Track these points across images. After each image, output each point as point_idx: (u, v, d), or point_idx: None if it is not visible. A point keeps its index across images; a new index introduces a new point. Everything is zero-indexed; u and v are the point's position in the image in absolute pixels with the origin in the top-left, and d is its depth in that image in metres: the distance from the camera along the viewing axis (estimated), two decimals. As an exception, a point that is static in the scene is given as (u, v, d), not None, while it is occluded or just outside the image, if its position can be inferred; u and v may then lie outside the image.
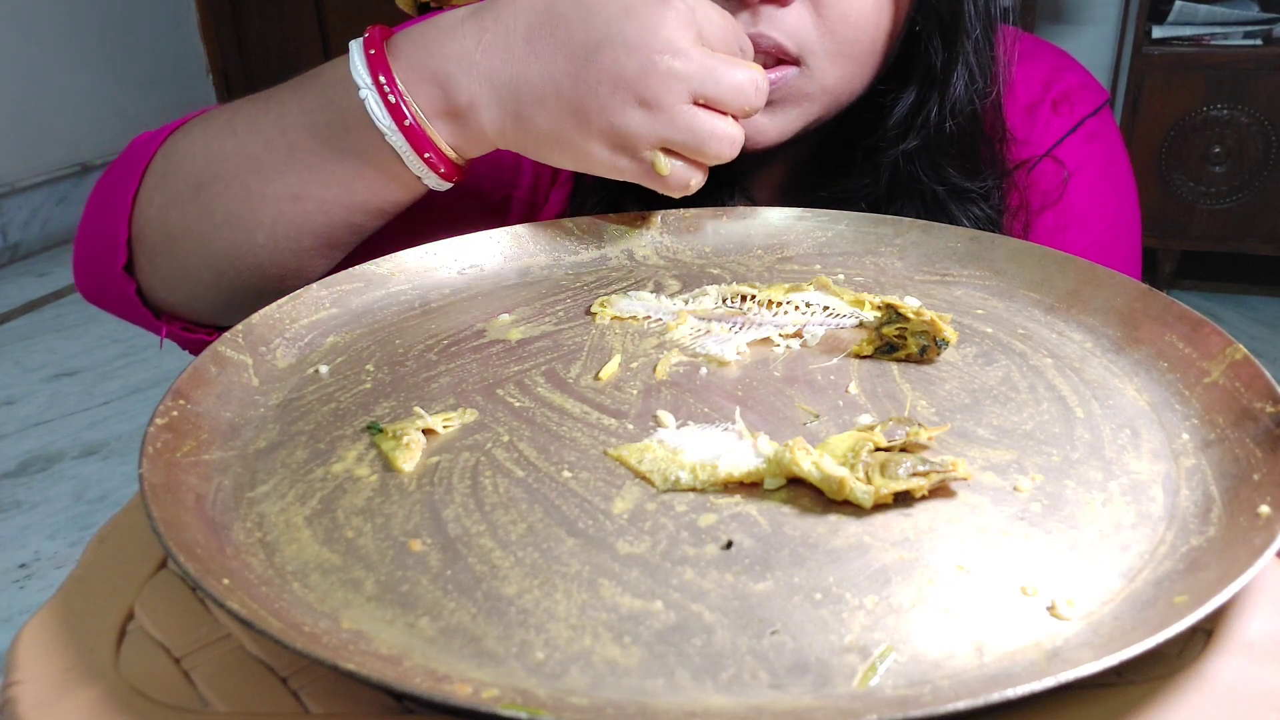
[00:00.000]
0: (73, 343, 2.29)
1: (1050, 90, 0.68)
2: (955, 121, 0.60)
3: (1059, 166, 0.67)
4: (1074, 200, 0.67)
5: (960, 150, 0.62)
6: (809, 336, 0.46)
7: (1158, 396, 0.40)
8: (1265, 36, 2.06)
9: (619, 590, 0.30)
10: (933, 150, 0.61)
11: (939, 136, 0.61)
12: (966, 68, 0.60)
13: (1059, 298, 0.48)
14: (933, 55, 0.59)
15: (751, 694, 0.26)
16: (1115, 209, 0.70)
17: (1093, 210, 0.68)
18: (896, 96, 0.61)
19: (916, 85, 0.61)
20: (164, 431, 0.36)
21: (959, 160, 0.62)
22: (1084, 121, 0.68)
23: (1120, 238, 0.70)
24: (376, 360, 0.45)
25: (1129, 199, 0.72)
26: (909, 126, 0.61)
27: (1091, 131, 0.68)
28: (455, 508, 0.34)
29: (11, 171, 2.77)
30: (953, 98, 0.60)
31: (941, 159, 0.62)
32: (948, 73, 0.60)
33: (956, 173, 0.62)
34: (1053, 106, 0.68)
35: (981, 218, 0.63)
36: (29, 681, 0.28)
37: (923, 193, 0.62)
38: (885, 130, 0.61)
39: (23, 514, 1.66)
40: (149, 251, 0.56)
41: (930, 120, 0.60)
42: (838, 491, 0.33)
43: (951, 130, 0.60)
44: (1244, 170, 2.12)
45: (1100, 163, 0.69)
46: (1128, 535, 0.32)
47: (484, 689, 0.26)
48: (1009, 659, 0.27)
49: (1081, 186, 0.68)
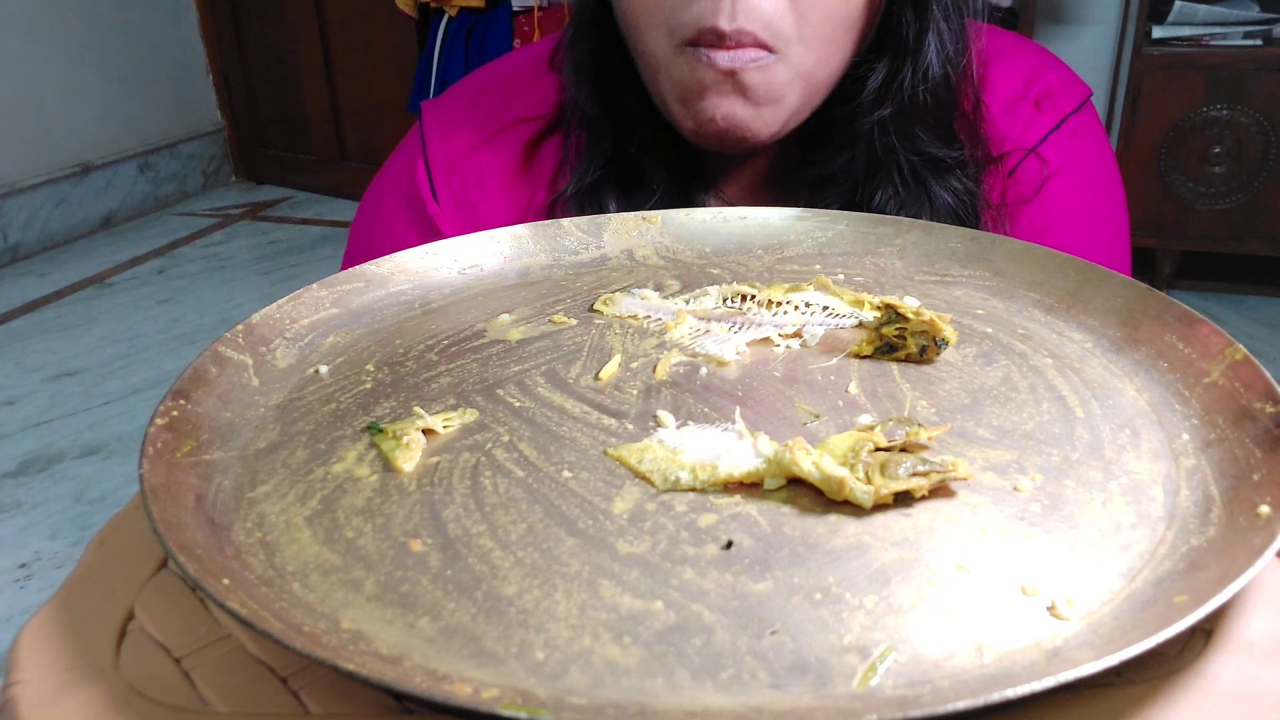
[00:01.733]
0: (73, 343, 2.29)
1: (1032, 88, 0.69)
2: (927, 88, 0.61)
3: (1042, 164, 0.67)
4: (1059, 198, 0.67)
5: (934, 119, 0.63)
6: (809, 336, 0.46)
7: (1158, 396, 0.40)
8: (1265, 36, 2.06)
9: (619, 590, 0.30)
10: (907, 118, 0.62)
11: (913, 105, 0.62)
12: (937, 35, 0.61)
13: (1059, 298, 0.48)
14: (905, 26, 0.61)
15: (751, 694, 0.26)
16: (1100, 206, 0.70)
17: (1078, 207, 0.68)
18: (870, 68, 0.62)
19: (890, 56, 0.62)
20: (164, 431, 0.36)
21: (933, 128, 0.63)
22: (1067, 119, 0.68)
23: (1107, 234, 0.70)
24: (377, 360, 0.45)
25: (1115, 195, 0.72)
26: (883, 96, 0.62)
27: (1075, 128, 0.69)
28: (455, 508, 0.34)
29: (11, 172, 2.77)
30: (924, 65, 0.61)
31: (915, 127, 0.62)
32: (919, 42, 0.61)
33: (931, 141, 0.63)
34: (1035, 104, 0.68)
35: (960, 190, 0.64)
36: (29, 681, 0.28)
37: (899, 165, 0.63)
38: (861, 101, 0.62)
39: (23, 514, 1.66)
40: None
41: (904, 89, 0.61)
42: (837, 492, 0.33)
43: (925, 98, 0.61)
44: (1243, 170, 2.12)
45: (1085, 160, 0.69)
46: (1128, 535, 0.32)
47: (484, 689, 0.26)
48: (1009, 659, 0.27)
49: (1066, 184, 0.68)
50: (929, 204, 0.64)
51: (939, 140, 0.64)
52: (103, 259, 2.80)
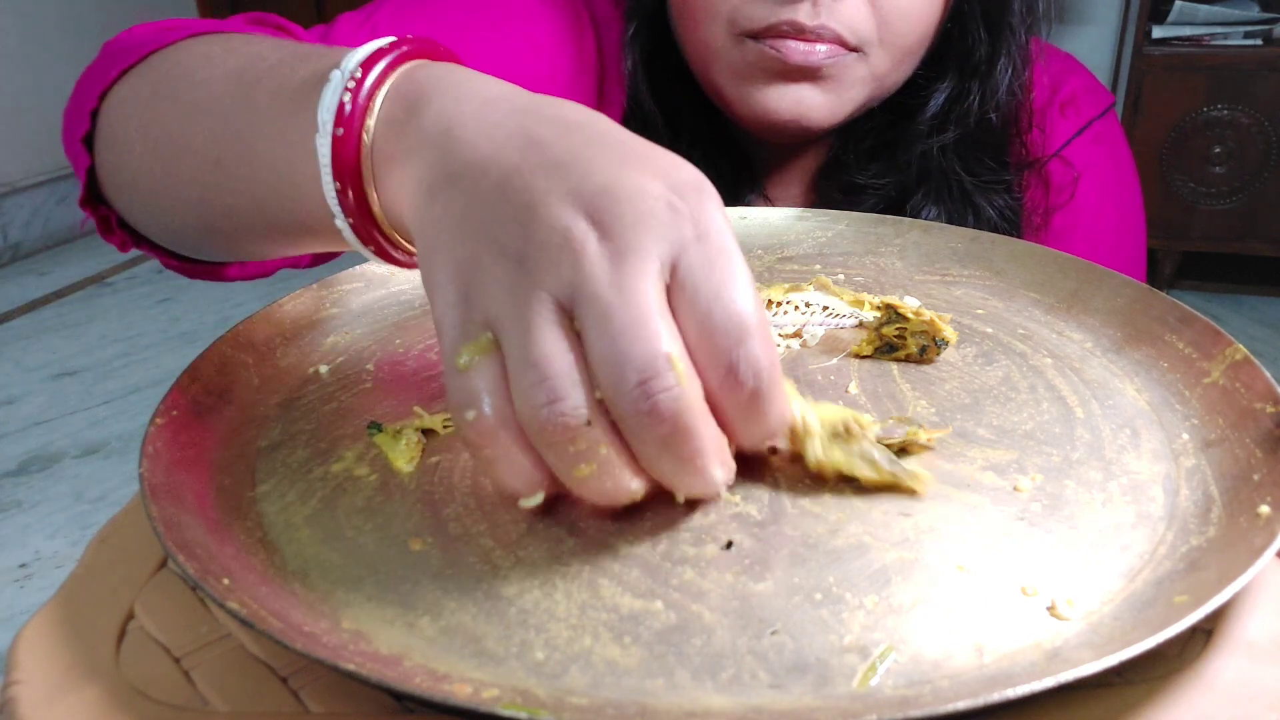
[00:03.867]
0: (73, 342, 2.29)
1: (1057, 93, 0.69)
2: (998, 114, 0.61)
3: (1068, 168, 0.67)
4: (1081, 202, 0.68)
5: (995, 142, 0.63)
6: (809, 336, 0.46)
7: (1158, 397, 0.40)
8: (1265, 36, 2.05)
9: (619, 590, 0.30)
10: (970, 142, 0.62)
11: (979, 128, 0.61)
12: (1010, 60, 0.60)
13: (1059, 298, 0.48)
14: (976, 45, 0.60)
15: (751, 694, 0.26)
16: (1121, 210, 0.71)
17: (1099, 212, 0.69)
18: (935, 85, 0.61)
19: (955, 75, 0.61)
20: (164, 431, 0.36)
21: (993, 152, 0.63)
22: (1091, 124, 0.69)
23: (1126, 239, 0.71)
24: (376, 360, 0.45)
25: (1134, 200, 0.72)
26: (947, 116, 0.61)
27: (1098, 134, 0.69)
28: (455, 507, 0.34)
29: (11, 171, 2.77)
30: (995, 89, 0.60)
31: (977, 150, 0.62)
32: (991, 64, 0.60)
33: (990, 164, 0.63)
34: (1060, 109, 0.68)
35: (1004, 208, 0.64)
36: (29, 681, 0.28)
37: (949, 183, 0.62)
38: (922, 118, 0.62)
39: (23, 514, 1.66)
40: (100, 139, 0.50)
41: (971, 111, 0.61)
42: (799, 442, 0.33)
43: (992, 122, 0.61)
44: (1244, 171, 2.12)
45: (1107, 165, 0.69)
46: (1128, 535, 0.32)
47: (484, 689, 0.26)
48: (1009, 659, 0.27)
49: (1088, 188, 0.68)
50: (974, 218, 0.64)
51: (995, 163, 0.63)
52: (103, 258, 2.80)
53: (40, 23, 2.81)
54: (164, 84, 0.46)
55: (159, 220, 0.49)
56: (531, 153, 0.30)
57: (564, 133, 0.31)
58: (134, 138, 0.47)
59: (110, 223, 0.52)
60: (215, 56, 0.46)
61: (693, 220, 0.28)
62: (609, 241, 0.28)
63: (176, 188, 0.45)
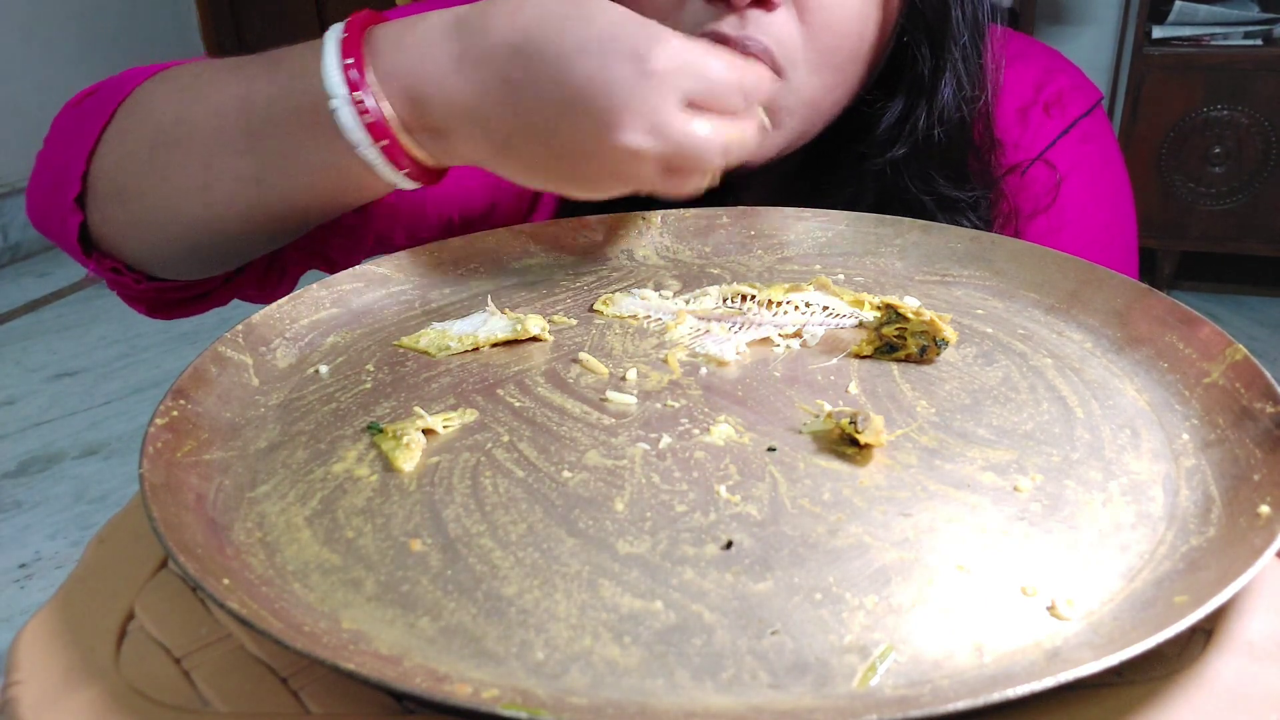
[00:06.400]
0: (73, 343, 2.29)
1: (1042, 92, 0.68)
2: (943, 129, 0.60)
3: (1051, 170, 0.67)
4: (1068, 202, 0.67)
5: (948, 159, 0.62)
6: (809, 336, 0.46)
7: (1158, 397, 0.40)
8: (1265, 37, 2.06)
9: (619, 590, 0.30)
10: (921, 159, 0.61)
11: (927, 145, 0.60)
12: (954, 75, 0.59)
13: (1059, 298, 0.48)
14: (921, 63, 0.59)
15: (751, 694, 0.26)
16: (1110, 210, 0.70)
17: (1087, 212, 0.68)
18: (884, 106, 0.60)
19: (904, 94, 0.60)
20: (164, 431, 0.36)
21: (947, 169, 0.62)
22: (1077, 122, 0.68)
23: (1116, 239, 0.70)
24: (377, 360, 0.45)
25: (1124, 199, 0.72)
26: (896, 135, 0.60)
27: (1085, 132, 0.68)
28: (455, 508, 0.34)
29: (12, 171, 2.77)
30: (940, 105, 0.59)
31: (930, 168, 0.61)
32: (935, 80, 0.59)
33: (945, 182, 0.61)
34: (1045, 109, 0.68)
35: (972, 225, 0.63)
36: (29, 681, 0.28)
37: (909, 204, 0.61)
38: (873, 139, 0.61)
39: (23, 514, 1.66)
40: (100, 197, 0.54)
41: (918, 129, 0.60)
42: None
43: (940, 139, 0.60)
44: (1244, 171, 2.12)
45: (1094, 164, 0.69)
46: (1128, 535, 0.32)
47: (484, 689, 0.26)
48: (1009, 659, 0.27)
49: (1076, 188, 0.67)
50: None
51: (952, 181, 0.62)
52: (103, 259, 2.80)
53: (41, 24, 2.81)
54: (159, 134, 0.51)
55: (176, 249, 0.54)
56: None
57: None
58: (145, 188, 0.52)
59: (121, 269, 0.56)
60: (186, 92, 0.52)
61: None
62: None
63: (214, 211, 0.51)
